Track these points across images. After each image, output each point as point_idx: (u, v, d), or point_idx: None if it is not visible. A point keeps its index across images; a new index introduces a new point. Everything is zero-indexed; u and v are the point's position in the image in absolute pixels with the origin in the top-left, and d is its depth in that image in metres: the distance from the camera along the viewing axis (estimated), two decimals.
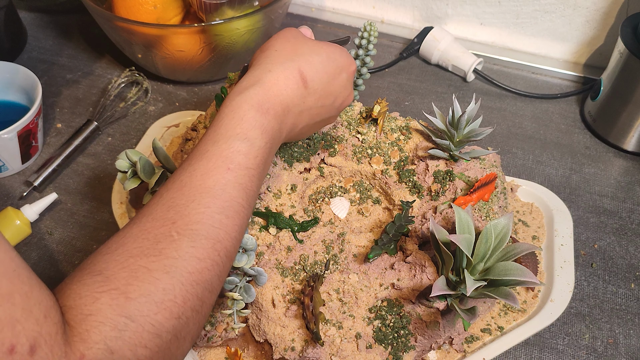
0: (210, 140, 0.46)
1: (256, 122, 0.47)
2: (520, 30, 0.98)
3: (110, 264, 0.39)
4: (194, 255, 0.41)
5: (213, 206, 0.43)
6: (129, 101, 0.89)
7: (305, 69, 0.51)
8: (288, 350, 0.55)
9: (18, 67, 0.81)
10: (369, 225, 0.65)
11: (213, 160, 0.45)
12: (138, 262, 0.39)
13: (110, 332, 0.36)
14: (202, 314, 0.42)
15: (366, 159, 0.68)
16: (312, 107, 0.53)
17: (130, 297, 0.38)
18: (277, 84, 0.49)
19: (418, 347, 0.58)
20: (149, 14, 0.84)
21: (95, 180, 0.80)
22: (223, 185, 0.44)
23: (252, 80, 0.49)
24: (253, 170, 0.46)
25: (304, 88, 0.51)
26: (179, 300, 0.40)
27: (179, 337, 0.40)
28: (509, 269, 0.52)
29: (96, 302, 0.37)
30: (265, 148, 0.47)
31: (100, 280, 0.38)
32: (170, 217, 0.42)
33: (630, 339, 0.64)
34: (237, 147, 0.46)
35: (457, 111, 0.64)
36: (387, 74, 0.97)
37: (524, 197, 0.75)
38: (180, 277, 0.40)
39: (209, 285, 0.42)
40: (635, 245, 0.73)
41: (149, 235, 0.41)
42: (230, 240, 0.44)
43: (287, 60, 0.51)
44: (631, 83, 0.80)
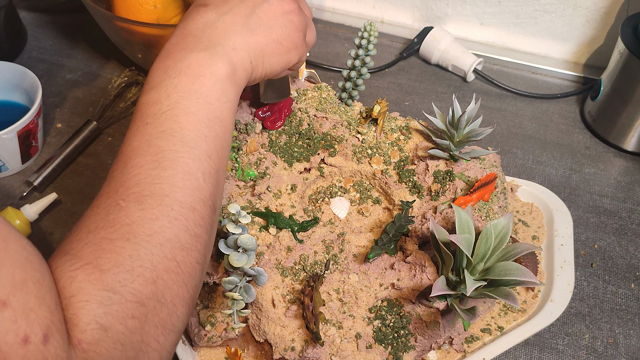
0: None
1: (157, 69, 0.46)
2: (520, 30, 0.98)
3: (73, 244, 0.39)
4: (145, 217, 0.40)
5: (145, 164, 0.42)
6: (129, 101, 0.89)
7: (200, 0, 0.50)
8: (288, 350, 0.55)
9: (18, 67, 0.81)
10: (369, 225, 0.65)
11: (133, 124, 0.44)
12: (98, 235, 0.39)
13: (97, 309, 0.36)
14: (184, 274, 0.41)
15: (366, 159, 0.68)
16: (232, 8, 0.49)
17: (103, 269, 0.37)
18: (177, 26, 0.49)
19: (418, 347, 0.58)
20: (149, 14, 0.84)
21: (95, 180, 0.80)
22: (147, 141, 0.43)
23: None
24: (173, 111, 0.44)
25: (206, 6, 0.50)
26: (148, 264, 0.39)
27: (163, 302, 0.39)
28: (509, 269, 0.52)
29: (74, 282, 0.37)
30: (178, 82, 0.45)
31: (69, 259, 0.38)
32: (112, 188, 0.41)
33: (630, 339, 0.65)
34: (145, 100, 0.45)
35: (457, 111, 0.64)
36: (387, 74, 0.97)
37: (524, 197, 0.75)
38: (141, 241, 0.39)
39: (176, 243, 0.40)
40: (635, 245, 0.73)
41: (99, 210, 0.40)
42: (179, 191, 0.41)
43: (189, 8, 0.51)
44: (631, 83, 0.80)
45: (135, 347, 0.37)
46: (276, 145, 0.66)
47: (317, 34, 1.04)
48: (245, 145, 0.65)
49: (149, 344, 0.38)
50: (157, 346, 0.39)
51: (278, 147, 0.66)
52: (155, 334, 0.39)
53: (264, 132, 0.66)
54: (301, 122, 0.67)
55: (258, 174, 0.64)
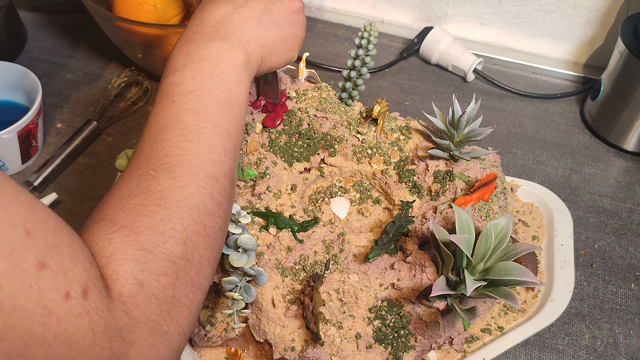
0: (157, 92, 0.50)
1: (180, 53, 0.50)
2: (520, 30, 0.98)
3: (108, 210, 0.42)
4: (175, 185, 0.43)
5: (173, 137, 0.45)
6: (129, 101, 0.89)
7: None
8: (288, 350, 0.55)
9: (18, 67, 0.81)
10: (369, 225, 0.65)
11: (159, 102, 0.48)
12: (132, 201, 0.42)
13: (134, 266, 0.39)
14: (210, 237, 0.44)
15: (366, 159, 0.68)
16: (246, 3, 0.54)
17: (138, 231, 0.40)
18: (196, 17, 0.53)
19: (418, 347, 0.58)
20: (149, 14, 0.84)
21: (95, 180, 0.80)
22: (174, 117, 0.46)
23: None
24: (197, 91, 0.48)
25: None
26: (179, 227, 0.42)
27: (192, 261, 0.42)
28: (509, 269, 0.52)
29: (112, 243, 0.40)
30: (201, 66, 0.49)
31: (106, 224, 0.41)
32: (142, 160, 0.45)
33: (630, 339, 0.65)
34: (170, 81, 0.48)
35: (457, 111, 0.64)
36: (387, 74, 0.97)
37: (524, 197, 0.75)
38: (172, 206, 0.42)
39: (203, 209, 0.44)
40: (635, 245, 0.73)
41: (132, 179, 0.44)
42: (205, 162, 0.45)
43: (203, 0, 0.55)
44: (631, 83, 0.80)
45: (168, 301, 0.40)
46: (276, 145, 0.66)
47: (317, 34, 1.05)
48: (245, 145, 0.65)
49: (180, 299, 0.41)
50: (187, 302, 0.42)
51: (278, 147, 0.66)
52: (185, 291, 0.42)
53: (264, 132, 0.66)
54: (301, 122, 0.67)
55: (258, 174, 0.64)
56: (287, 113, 0.67)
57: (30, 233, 0.34)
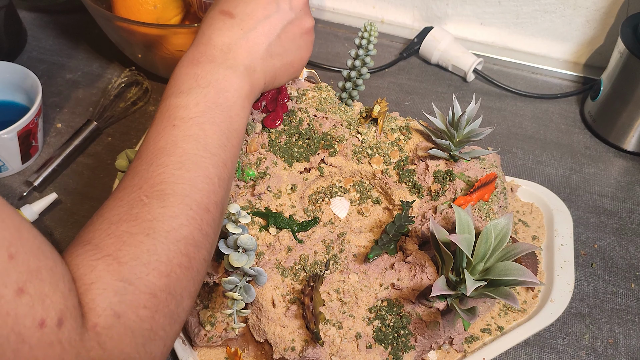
0: (157, 109, 0.49)
1: (187, 75, 0.49)
2: (520, 30, 0.98)
3: (96, 233, 0.42)
4: (166, 215, 0.42)
5: (170, 164, 0.45)
6: (129, 101, 0.89)
7: (223, 5, 0.53)
8: (288, 350, 0.55)
9: (18, 67, 0.81)
10: (369, 225, 0.65)
11: (160, 123, 0.47)
12: (120, 228, 0.41)
13: (113, 297, 0.38)
14: (193, 270, 0.43)
15: (366, 159, 0.68)
16: (256, 26, 0.52)
17: (122, 261, 0.40)
18: (204, 34, 0.52)
19: (418, 347, 0.58)
20: (149, 14, 0.84)
21: (95, 180, 0.80)
22: (173, 142, 0.46)
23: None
24: (200, 118, 0.47)
25: (231, 19, 0.52)
26: (164, 259, 0.41)
27: (173, 294, 0.42)
28: (509, 269, 0.52)
29: (94, 270, 0.39)
30: (207, 92, 0.48)
31: (91, 249, 0.40)
32: (136, 183, 0.44)
33: (630, 339, 0.65)
34: (174, 103, 0.48)
35: (457, 111, 0.64)
36: (387, 74, 0.97)
37: (524, 197, 0.75)
38: (160, 237, 0.41)
39: (191, 241, 0.43)
40: (635, 245, 0.73)
41: (123, 202, 0.43)
42: (198, 192, 0.44)
43: (208, 13, 0.54)
44: (631, 83, 0.80)
45: (144, 334, 0.40)
46: (276, 145, 0.66)
47: (317, 34, 1.05)
48: (245, 145, 0.65)
49: (157, 332, 0.41)
50: (164, 334, 0.41)
51: (278, 147, 0.66)
52: (163, 324, 0.41)
53: (264, 132, 0.66)
54: (301, 122, 0.67)
55: (258, 174, 0.64)
56: (287, 113, 0.67)
57: (13, 257, 0.34)
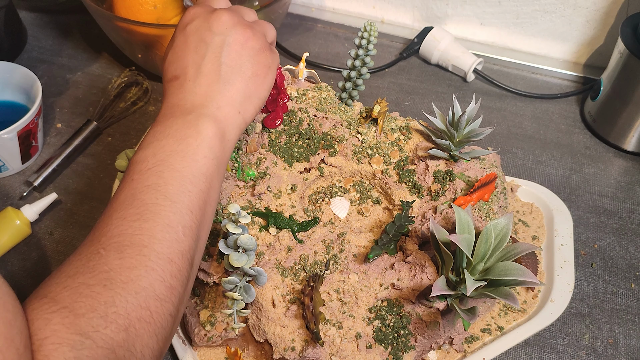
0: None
1: (148, 135, 0.49)
2: (520, 30, 0.98)
3: (52, 287, 0.40)
4: (123, 266, 0.41)
5: (128, 216, 0.44)
6: (129, 101, 0.89)
7: (167, 70, 0.53)
8: (288, 350, 0.55)
9: (18, 67, 0.81)
10: (369, 225, 0.65)
11: (123, 180, 0.47)
12: (77, 280, 0.40)
13: (68, 352, 0.36)
14: (156, 325, 0.42)
15: (366, 159, 0.68)
16: (200, 68, 0.51)
17: (78, 313, 0.38)
18: (162, 104, 0.52)
19: (418, 347, 0.58)
20: (149, 14, 0.84)
21: (95, 180, 0.80)
22: (132, 195, 0.45)
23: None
24: (158, 167, 0.46)
25: (177, 79, 0.52)
26: (122, 311, 0.40)
27: (133, 351, 0.40)
28: (509, 269, 0.52)
29: (49, 324, 0.37)
30: (164, 144, 0.48)
31: (46, 302, 0.39)
32: (96, 237, 0.44)
33: (630, 339, 0.65)
34: (134, 160, 0.48)
35: (457, 111, 0.64)
36: (387, 74, 0.97)
37: (524, 197, 0.75)
38: (117, 288, 0.40)
39: (152, 292, 0.42)
40: (635, 245, 0.73)
41: (82, 256, 0.42)
42: (158, 243, 0.43)
43: (163, 85, 0.54)
44: (631, 83, 0.80)
45: None
46: (276, 145, 0.66)
47: (317, 34, 1.05)
48: (245, 145, 0.65)
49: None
50: None
51: (278, 147, 0.66)
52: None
53: (264, 132, 0.66)
54: (301, 122, 0.67)
55: (258, 174, 0.64)
56: (287, 113, 0.67)
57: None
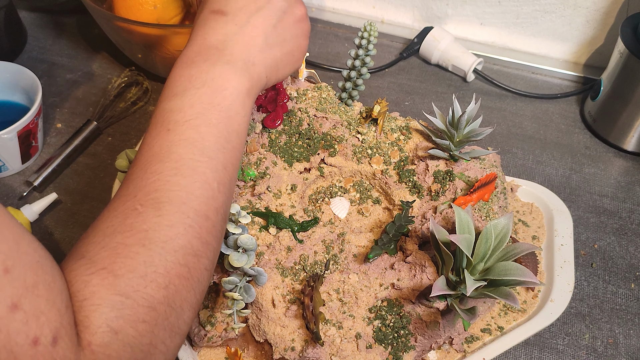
0: (152, 114, 0.47)
1: (180, 76, 0.47)
2: (520, 30, 0.98)
3: (90, 247, 0.40)
4: (162, 224, 0.41)
5: (164, 170, 0.42)
6: (129, 101, 0.89)
7: (213, 5, 0.51)
8: (288, 350, 0.55)
9: (18, 67, 0.81)
10: (369, 225, 0.65)
11: (154, 128, 0.45)
12: (114, 239, 0.40)
13: (109, 312, 0.37)
14: (193, 280, 0.42)
15: (366, 159, 0.68)
16: (249, 20, 0.50)
17: (117, 274, 0.38)
18: (197, 35, 0.49)
19: (418, 347, 0.58)
20: (149, 14, 0.84)
21: (95, 180, 0.80)
22: (167, 147, 0.43)
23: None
24: (195, 120, 0.44)
25: (224, 16, 0.50)
26: (162, 270, 0.39)
27: (173, 306, 0.40)
28: (509, 269, 0.52)
29: (88, 285, 0.37)
30: (202, 93, 0.46)
31: (85, 264, 0.39)
32: (130, 192, 0.42)
33: (630, 339, 0.65)
34: (168, 107, 0.45)
35: (457, 111, 0.64)
36: (387, 74, 0.97)
37: (524, 197, 0.75)
38: (156, 247, 0.40)
39: (189, 250, 0.41)
40: (635, 245, 0.73)
41: (117, 212, 0.41)
42: (195, 200, 0.42)
43: (199, 14, 0.52)
44: (631, 83, 0.80)
45: (144, 349, 0.38)
46: (276, 145, 0.66)
47: (317, 34, 1.05)
48: (246, 145, 0.65)
49: (157, 346, 0.39)
50: (164, 348, 0.40)
51: (278, 147, 0.66)
52: (163, 337, 0.40)
53: (264, 132, 0.66)
54: (301, 122, 0.67)
55: (258, 174, 0.64)
56: (287, 113, 0.67)
57: (8, 271, 0.33)
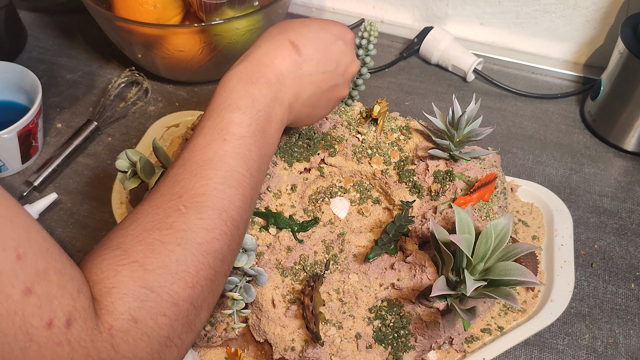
0: (205, 116, 0.48)
1: (245, 92, 0.49)
2: (520, 30, 0.98)
3: (126, 239, 0.41)
4: (202, 227, 0.43)
5: (214, 177, 0.45)
6: (129, 101, 0.89)
7: (295, 38, 0.53)
8: (288, 350, 0.55)
9: (18, 67, 0.81)
10: (369, 225, 0.65)
11: (209, 134, 0.47)
12: (152, 235, 0.41)
13: (133, 302, 0.39)
14: (216, 283, 0.44)
15: (366, 159, 0.68)
16: (312, 73, 0.53)
17: (148, 269, 0.40)
18: (267, 55, 0.51)
19: (418, 347, 0.58)
20: (149, 14, 0.84)
21: (95, 180, 0.80)
22: (221, 156, 0.46)
23: (243, 57, 0.52)
24: (250, 139, 0.47)
25: (297, 55, 0.52)
26: (192, 270, 0.41)
27: (195, 305, 0.42)
28: (509, 269, 0.52)
29: (118, 275, 0.39)
30: (259, 116, 0.48)
31: (119, 254, 0.40)
32: (176, 191, 0.44)
33: (630, 339, 0.65)
34: (229, 117, 0.47)
35: (457, 111, 0.64)
36: (387, 74, 0.97)
37: (524, 197, 0.75)
38: (192, 248, 0.42)
39: (219, 255, 0.44)
40: (635, 245, 0.73)
41: (159, 210, 0.43)
42: (235, 210, 0.45)
43: (277, 35, 0.53)
44: (631, 83, 0.80)
45: (161, 341, 0.40)
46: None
47: None
48: None
49: (173, 340, 0.41)
50: (179, 342, 0.42)
51: (278, 147, 0.66)
52: (180, 332, 0.41)
53: None
54: None
55: None
56: None
57: (21, 258, 0.34)
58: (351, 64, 0.58)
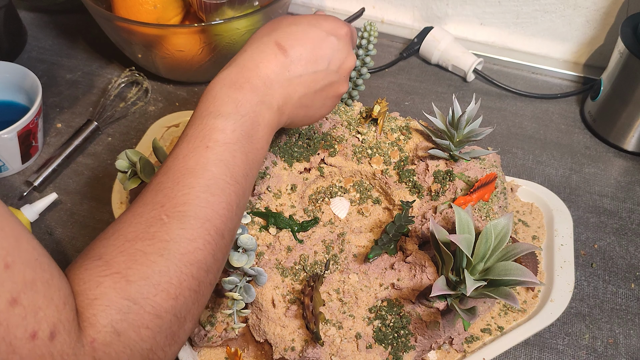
0: (189, 124, 0.48)
1: (229, 97, 0.48)
2: (520, 30, 0.98)
3: (108, 249, 0.41)
4: (184, 237, 0.42)
5: (197, 186, 0.44)
6: (129, 101, 0.89)
7: (282, 39, 0.52)
8: (288, 350, 0.55)
9: (18, 67, 0.81)
10: (369, 225, 0.65)
11: (192, 141, 0.46)
12: (134, 245, 0.41)
13: (115, 315, 0.38)
14: (200, 293, 0.43)
15: (366, 159, 0.68)
16: (302, 74, 0.52)
17: (130, 280, 0.39)
18: (252, 59, 0.50)
19: (418, 347, 0.58)
20: (149, 14, 0.84)
21: (95, 180, 0.80)
22: (204, 164, 0.45)
23: (229, 63, 0.51)
24: (234, 145, 0.46)
25: (284, 56, 0.51)
26: (175, 281, 0.41)
27: (178, 316, 0.41)
28: (509, 269, 0.52)
29: (100, 287, 0.39)
30: (244, 121, 0.47)
31: (101, 265, 0.40)
32: (158, 200, 0.43)
33: (630, 339, 0.65)
34: (212, 124, 0.46)
35: (457, 111, 0.64)
36: (387, 74, 0.97)
37: (524, 197, 0.75)
38: (174, 259, 0.41)
39: (203, 265, 0.43)
40: (635, 245, 0.73)
41: (142, 219, 0.42)
42: (219, 218, 0.44)
43: (263, 37, 0.52)
44: (631, 83, 0.80)
45: (143, 354, 0.39)
46: (276, 145, 0.66)
47: None
48: None
49: (156, 352, 0.40)
50: (162, 355, 0.41)
51: (278, 147, 0.66)
52: (164, 344, 0.41)
53: None
54: None
55: (258, 174, 0.64)
56: None
57: (8, 267, 0.34)
58: (346, 59, 0.56)
